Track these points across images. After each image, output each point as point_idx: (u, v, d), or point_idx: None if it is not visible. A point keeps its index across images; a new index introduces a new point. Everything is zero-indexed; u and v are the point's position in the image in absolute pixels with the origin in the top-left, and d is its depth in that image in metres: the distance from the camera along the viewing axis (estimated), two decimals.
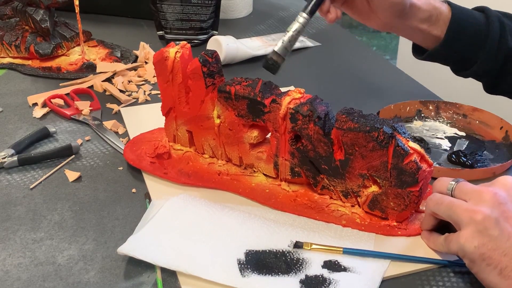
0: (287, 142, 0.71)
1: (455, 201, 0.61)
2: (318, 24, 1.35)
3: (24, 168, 0.80)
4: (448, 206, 0.61)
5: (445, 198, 0.62)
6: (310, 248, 0.64)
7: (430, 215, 0.64)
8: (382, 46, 3.24)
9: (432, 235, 0.65)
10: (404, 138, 0.65)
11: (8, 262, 0.64)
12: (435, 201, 0.63)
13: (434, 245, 0.64)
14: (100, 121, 0.91)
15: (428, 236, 0.66)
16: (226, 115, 0.75)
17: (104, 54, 1.13)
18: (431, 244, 0.65)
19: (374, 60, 1.18)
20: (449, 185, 0.63)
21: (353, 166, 0.67)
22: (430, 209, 0.64)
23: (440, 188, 0.64)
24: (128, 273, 0.62)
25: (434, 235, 0.65)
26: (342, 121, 0.66)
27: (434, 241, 0.64)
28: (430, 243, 0.65)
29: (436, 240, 0.64)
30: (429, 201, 0.64)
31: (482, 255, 0.57)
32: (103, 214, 0.71)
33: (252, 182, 0.76)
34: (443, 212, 0.62)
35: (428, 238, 0.66)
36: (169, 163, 0.79)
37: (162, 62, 0.76)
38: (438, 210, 0.62)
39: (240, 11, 1.39)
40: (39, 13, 1.08)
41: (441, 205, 0.62)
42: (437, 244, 0.64)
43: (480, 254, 0.57)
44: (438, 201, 0.62)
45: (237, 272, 0.61)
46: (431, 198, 0.64)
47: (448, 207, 0.61)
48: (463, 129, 0.90)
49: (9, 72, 1.09)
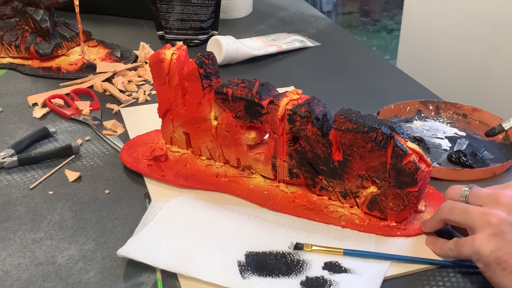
0: (285, 143, 0.71)
1: (469, 206, 0.60)
2: (318, 24, 1.35)
3: (24, 168, 0.80)
4: (462, 210, 0.60)
5: (458, 204, 0.61)
6: (310, 250, 0.64)
7: (440, 221, 0.64)
8: (382, 46, 3.24)
9: (438, 241, 0.64)
10: (402, 138, 0.65)
11: (8, 262, 0.64)
12: (448, 207, 0.62)
13: (441, 250, 0.63)
14: (100, 121, 0.91)
15: (433, 242, 0.65)
16: (223, 116, 0.75)
17: (104, 54, 1.13)
18: (438, 249, 0.64)
19: (374, 60, 1.18)
20: (462, 192, 0.62)
21: (351, 167, 0.67)
22: (443, 216, 0.63)
23: (453, 196, 0.63)
24: (128, 273, 0.62)
25: (440, 241, 0.64)
26: (340, 122, 0.66)
27: (441, 247, 0.63)
28: (436, 248, 0.64)
29: (443, 245, 0.63)
30: (442, 208, 0.63)
31: (497, 259, 0.56)
32: (103, 214, 0.71)
33: (250, 183, 0.76)
34: (457, 217, 0.61)
35: (433, 243, 0.65)
36: (166, 165, 0.79)
37: (158, 64, 0.77)
38: (451, 216, 0.61)
39: (240, 11, 1.39)
40: (39, 13, 1.08)
41: (455, 210, 0.61)
42: (444, 249, 0.63)
43: (496, 258, 0.56)
44: (451, 207, 0.62)
45: (238, 274, 0.61)
46: (444, 205, 0.63)
47: (463, 212, 0.60)
48: (463, 129, 0.90)
49: (9, 72, 1.09)
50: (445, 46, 1.60)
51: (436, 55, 1.64)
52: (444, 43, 1.61)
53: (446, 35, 1.59)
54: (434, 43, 1.63)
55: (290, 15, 1.41)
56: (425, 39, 1.66)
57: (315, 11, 1.47)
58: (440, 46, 1.62)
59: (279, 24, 1.35)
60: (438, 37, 1.62)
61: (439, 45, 1.62)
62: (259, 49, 1.14)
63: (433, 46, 1.64)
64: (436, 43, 1.63)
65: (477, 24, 1.49)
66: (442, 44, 1.61)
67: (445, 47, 1.60)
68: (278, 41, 1.20)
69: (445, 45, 1.60)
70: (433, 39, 1.63)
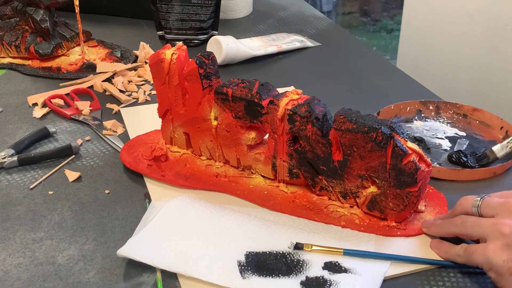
0: (285, 143, 0.71)
1: (480, 218, 0.60)
2: (318, 24, 1.35)
3: (24, 168, 0.80)
4: (474, 223, 0.60)
5: (470, 218, 0.61)
6: (310, 250, 0.64)
7: (450, 234, 0.63)
8: (382, 46, 3.24)
9: (443, 244, 0.64)
10: (402, 138, 0.65)
11: (8, 262, 0.64)
12: (461, 222, 0.61)
13: (447, 254, 0.63)
14: (100, 121, 0.91)
15: (439, 245, 0.64)
16: (223, 116, 0.75)
17: (104, 54, 1.13)
18: (443, 253, 0.63)
19: (374, 60, 1.18)
20: (474, 202, 0.62)
21: (351, 167, 0.67)
22: (455, 231, 0.62)
23: (465, 206, 0.63)
24: (128, 273, 0.62)
25: (446, 244, 0.64)
26: (340, 122, 0.66)
27: (448, 251, 0.63)
28: (442, 252, 0.63)
29: (449, 250, 0.63)
30: (452, 227, 0.62)
31: (511, 269, 0.55)
32: (103, 214, 0.71)
33: (250, 183, 0.76)
34: (468, 229, 0.60)
35: (439, 247, 0.64)
36: (166, 165, 0.79)
37: (158, 64, 0.77)
38: (464, 230, 0.61)
39: (240, 11, 1.39)
40: (39, 13, 1.08)
41: (466, 223, 0.61)
42: (451, 253, 0.62)
43: (509, 268, 0.55)
44: (463, 221, 0.61)
45: (238, 274, 0.61)
46: (455, 224, 0.62)
47: (474, 224, 0.60)
48: (464, 129, 0.90)
49: (9, 72, 1.09)
50: (445, 46, 1.61)
51: (436, 55, 1.64)
52: (444, 43, 1.61)
53: (446, 35, 1.59)
54: (434, 43, 1.63)
55: (290, 15, 1.41)
56: (425, 39, 1.66)
57: (315, 11, 1.47)
58: (440, 46, 1.62)
59: (279, 24, 1.35)
60: (438, 37, 1.62)
61: (439, 45, 1.62)
62: (259, 49, 1.14)
63: (433, 46, 1.64)
64: (436, 43, 1.63)
65: (477, 24, 1.49)
66: (442, 44, 1.61)
67: (445, 47, 1.61)
68: (278, 41, 1.20)
69: (445, 45, 1.60)
70: (433, 39, 1.63)
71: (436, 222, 0.65)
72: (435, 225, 0.65)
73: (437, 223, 0.65)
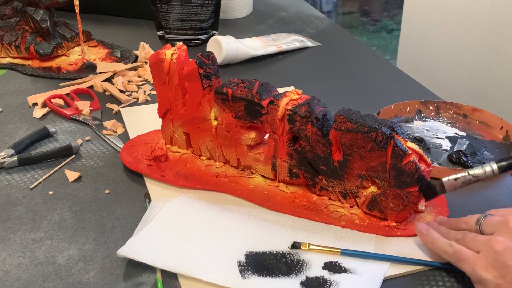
0: (285, 143, 0.71)
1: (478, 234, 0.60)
2: (318, 24, 1.35)
3: (24, 168, 0.80)
4: (472, 238, 0.60)
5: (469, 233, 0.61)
6: (308, 249, 0.64)
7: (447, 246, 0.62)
8: (382, 46, 3.24)
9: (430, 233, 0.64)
10: (402, 138, 0.65)
11: (8, 262, 0.64)
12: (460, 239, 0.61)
13: (433, 245, 0.63)
14: (100, 121, 0.91)
15: (425, 233, 0.64)
16: (223, 116, 0.75)
17: (104, 54, 1.13)
18: (429, 243, 0.63)
19: (374, 60, 1.18)
20: (477, 220, 0.62)
21: (351, 167, 0.67)
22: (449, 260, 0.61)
23: (470, 225, 0.63)
24: (128, 273, 0.62)
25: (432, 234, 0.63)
26: (340, 122, 0.66)
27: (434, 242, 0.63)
28: (427, 242, 0.63)
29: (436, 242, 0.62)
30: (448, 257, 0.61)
31: (498, 286, 0.56)
32: (103, 214, 0.71)
33: (250, 183, 0.76)
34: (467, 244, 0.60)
35: (425, 235, 0.64)
36: (166, 165, 0.79)
37: (158, 64, 0.77)
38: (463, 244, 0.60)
39: (240, 11, 1.39)
40: (39, 13, 1.08)
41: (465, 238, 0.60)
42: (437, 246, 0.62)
43: (497, 285, 0.56)
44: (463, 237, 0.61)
45: (238, 274, 0.61)
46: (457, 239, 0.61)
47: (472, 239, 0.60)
48: (464, 129, 0.90)
49: (9, 72, 1.09)
50: (445, 46, 1.61)
51: (436, 55, 1.64)
52: (444, 43, 1.61)
53: (446, 35, 1.59)
54: (434, 43, 1.63)
55: (290, 15, 1.41)
56: (425, 39, 1.66)
57: (315, 11, 1.47)
58: (440, 46, 1.62)
59: (279, 24, 1.35)
60: (438, 37, 1.62)
61: (439, 45, 1.62)
62: (259, 49, 1.14)
63: (433, 46, 1.64)
64: (436, 43, 1.63)
65: (477, 24, 1.49)
66: (442, 44, 1.61)
67: (445, 47, 1.61)
68: (278, 41, 1.20)
69: (445, 45, 1.60)
70: (433, 39, 1.63)
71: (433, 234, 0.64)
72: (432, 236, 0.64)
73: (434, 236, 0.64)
